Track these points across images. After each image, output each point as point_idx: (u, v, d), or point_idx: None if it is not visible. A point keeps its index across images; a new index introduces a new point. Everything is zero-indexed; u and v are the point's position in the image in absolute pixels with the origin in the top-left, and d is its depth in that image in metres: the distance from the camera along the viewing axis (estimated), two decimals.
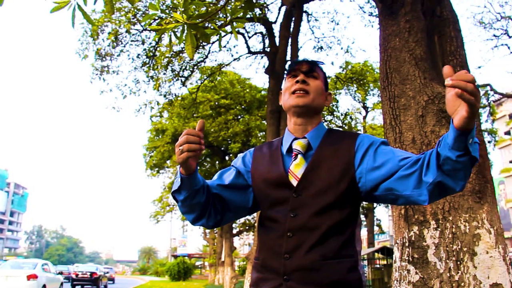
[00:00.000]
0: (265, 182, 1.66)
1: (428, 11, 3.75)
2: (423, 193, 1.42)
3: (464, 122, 1.18)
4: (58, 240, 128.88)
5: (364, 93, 22.36)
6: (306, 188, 1.57)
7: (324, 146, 1.65)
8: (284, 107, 1.73)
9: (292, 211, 1.56)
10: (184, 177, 1.53)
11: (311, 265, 1.49)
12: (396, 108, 3.41)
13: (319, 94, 1.70)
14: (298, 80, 1.67)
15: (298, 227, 1.54)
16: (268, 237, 1.62)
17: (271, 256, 1.58)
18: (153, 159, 22.67)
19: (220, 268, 26.21)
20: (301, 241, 1.52)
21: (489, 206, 3.03)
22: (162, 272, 49.13)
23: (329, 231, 1.52)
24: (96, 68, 12.90)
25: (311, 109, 1.68)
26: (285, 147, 1.70)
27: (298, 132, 1.70)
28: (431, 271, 2.92)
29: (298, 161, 1.63)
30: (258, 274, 1.62)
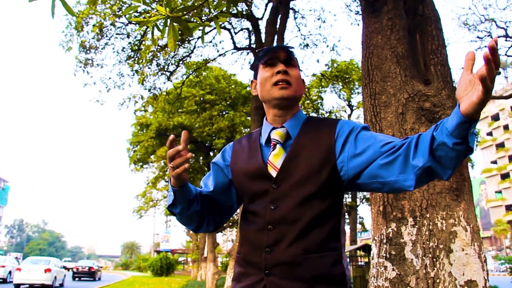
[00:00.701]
0: (244, 175, 1.62)
1: (411, 9, 3.77)
2: (409, 178, 1.36)
3: (473, 109, 1.14)
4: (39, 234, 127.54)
5: (349, 91, 22.48)
6: (285, 179, 1.52)
7: (303, 134, 1.60)
8: (262, 98, 1.66)
9: (272, 203, 1.51)
10: (176, 190, 1.52)
11: (293, 259, 1.44)
12: (377, 105, 3.42)
13: (300, 84, 1.66)
14: (279, 71, 1.60)
15: (279, 219, 1.49)
16: (249, 231, 1.57)
17: (252, 250, 1.53)
18: (137, 154, 22.54)
19: (202, 264, 26.18)
20: (282, 234, 1.47)
21: (466, 204, 3.06)
22: (144, 268, 48.95)
23: (311, 223, 1.47)
24: (80, 61, 12.73)
25: (295, 100, 1.63)
26: (264, 138, 1.65)
27: (277, 122, 1.65)
28: (407, 268, 2.94)
29: (276, 151, 1.59)
30: (240, 268, 1.58)
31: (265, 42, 12.62)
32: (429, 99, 3.28)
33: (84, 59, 12.74)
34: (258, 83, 1.68)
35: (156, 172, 26.23)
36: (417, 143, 1.33)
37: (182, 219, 1.65)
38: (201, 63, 15.55)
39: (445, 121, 1.25)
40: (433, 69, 3.51)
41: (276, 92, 1.60)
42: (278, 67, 1.61)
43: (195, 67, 15.79)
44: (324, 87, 21.00)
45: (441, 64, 3.52)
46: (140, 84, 13.44)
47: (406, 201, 3.08)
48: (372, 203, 3.33)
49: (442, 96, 3.31)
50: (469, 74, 1.17)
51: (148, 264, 39.66)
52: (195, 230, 1.69)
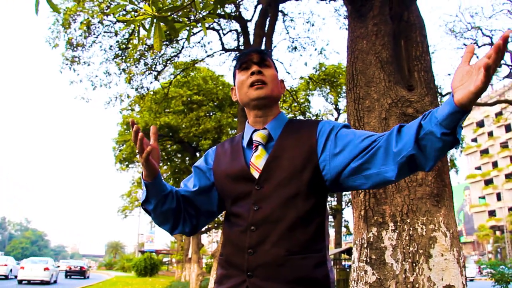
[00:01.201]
0: (227, 178, 1.61)
1: (396, 15, 3.79)
2: (391, 168, 1.35)
3: (468, 98, 1.13)
4: (22, 232, 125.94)
5: (336, 95, 22.60)
6: (268, 180, 1.52)
7: (285, 135, 1.60)
8: (242, 101, 1.67)
9: (255, 204, 1.50)
10: (148, 183, 1.51)
11: (276, 260, 1.43)
12: (360, 110, 3.44)
13: (276, 83, 1.66)
14: (254, 72, 1.61)
15: (261, 220, 1.48)
16: (231, 233, 1.56)
17: (235, 251, 1.52)
18: (123, 153, 22.36)
19: (187, 264, 26.07)
20: (265, 235, 1.46)
21: (446, 209, 3.09)
22: (128, 268, 48.66)
23: (295, 223, 1.46)
24: (67, 58, 12.63)
25: (272, 99, 1.63)
26: (246, 140, 1.65)
27: (259, 124, 1.65)
28: (387, 272, 2.96)
29: (258, 152, 1.58)
30: (222, 270, 1.57)
31: (254, 43, 12.63)
32: (412, 105, 3.31)
33: (71, 56, 12.64)
34: (236, 88, 1.69)
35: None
36: (399, 131, 1.33)
37: (157, 218, 1.62)
38: (189, 63, 15.51)
39: (434, 111, 1.25)
40: (416, 75, 3.53)
41: (252, 93, 1.60)
42: (252, 69, 1.62)
43: (183, 67, 15.75)
44: (312, 90, 21.10)
45: (424, 71, 3.55)
46: (127, 83, 13.37)
47: (387, 206, 3.10)
48: (354, 207, 3.35)
49: (425, 102, 3.34)
50: (466, 66, 1.17)
51: (132, 264, 39.41)
52: (170, 230, 1.67)
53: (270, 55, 1.70)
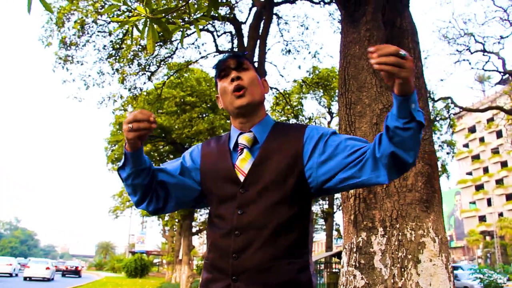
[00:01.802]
0: (213, 178, 1.61)
1: (389, 21, 3.82)
2: (382, 173, 1.40)
3: (401, 87, 1.24)
4: (11, 232, 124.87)
5: (329, 98, 22.66)
6: (253, 184, 1.52)
7: (271, 139, 1.60)
8: (226, 109, 1.67)
9: (239, 208, 1.50)
10: (128, 153, 1.51)
11: (260, 265, 1.43)
12: (352, 115, 3.45)
13: (256, 85, 1.65)
14: (233, 78, 1.61)
15: (246, 224, 1.48)
16: (216, 236, 1.55)
17: (219, 256, 1.51)
18: (115, 153, 22.25)
19: (177, 266, 26.02)
20: (250, 241, 1.46)
21: (435, 215, 3.11)
22: (118, 268, 48.42)
23: (279, 229, 1.47)
24: (60, 57, 12.55)
25: (254, 104, 1.63)
26: (232, 143, 1.65)
27: (244, 128, 1.65)
28: (376, 277, 2.97)
29: (243, 155, 1.58)
30: (208, 274, 1.56)
31: (248, 46, 12.63)
32: None
33: (64, 55, 12.56)
34: (220, 96, 1.70)
35: None
36: (379, 139, 1.39)
37: (128, 188, 1.62)
38: (183, 64, 15.47)
39: (392, 110, 1.34)
40: None
41: (235, 102, 1.61)
42: (231, 76, 1.62)
43: (176, 68, 15.70)
44: (305, 93, 21.15)
45: (416, 77, 3.57)
46: (120, 83, 13.31)
47: (377, 211, 3.11)
48: (344, 212, 3.36)
49: None
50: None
51: (122, 265, 39.29)
52: (136, 203, 1.67)
53: (247, 58, 1.71)
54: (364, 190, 3.19)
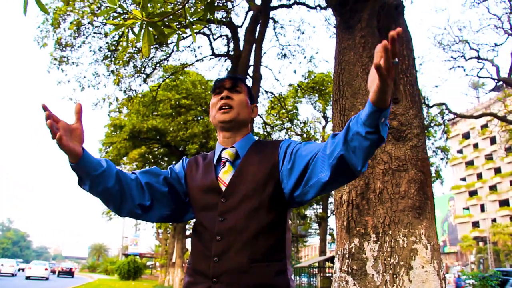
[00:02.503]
0: (198, 190, 1.71)
1: (384, 28, 3.83)
2: (326, 173, 1.42)
3: (377, 97, 1.20)
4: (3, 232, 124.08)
5: (324, 103, 22.69)
6: (232, 193, 1.62)
7: (251, 154, 1.71)
8: (212, 123, 1.81)
9: (220, 216, 1.60)
10: (73, 165, 1.51)
11: (239, 267, 1.51)
12: (346, 121, 3.46)
13: (244, 107, 1.77)
14: (222, 97, 1.74)
15: (227, 230, 1.57)
16: (198, 242, 1.65)
17: (200, 259, 1.61)
18: (109, 155, 22.17)
19: (170, 269, 25.93)
20: (230, 244, 1.55)
21: (428, 222, 3.12)
22: (111, 271, 48.22)
23: (257, 233, 1.55)
24: (55, 58, 12.52)
25: (237, 122, 1.75)
26: (216, 157, 1.76)
27: (227, 143, 1.77)
28: (368, 283, 2.98)
29: (226, 168, 1.70)
30: (189, 278, 1.64)
31: (243, 49, 12.65)
32: (396, 117, 3.34)
33: (59, 56, 12.53)
34: (210, 111, 1.83)
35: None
36: (333, 137, 1.42)
37: (100, 198, 1.64)
38: (179, 67, 15.48)
39: (361, 112, 1.32)
40: (402, 88, 3.57)
41: (219, 116, 1.74)
42: (222, 94, 1.76)
43: (172, 71, 15.71)
44: (300, 97, 21.18)
45: (410, 84, 3.59)
46: (116, 85, 13.29)
47: (370, 217, 3.12)
48: (337, 217, 3.37)
49: (409, 115, 3.38)
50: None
51: (115, 267, 39.09)
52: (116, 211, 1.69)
53: (244, 81, 1.84)
54: (357, 196, 3.20)
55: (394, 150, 3.25)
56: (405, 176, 3.18)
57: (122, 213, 1.69)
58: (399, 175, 3.18)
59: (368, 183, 3.21)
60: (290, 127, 21.55)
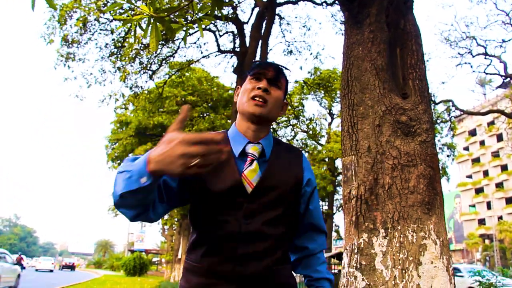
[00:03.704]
0: (214, 185, 1.55)
1: (392, 23, 3.81)
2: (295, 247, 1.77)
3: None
4: (10, 228, 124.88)
5: (330, 99, 22.65)
6: (260, 197, 1.54)
7: (277, 155, 1.65)
8: (238, 108, 1.66)
9: (246, 218, 1.52)
10: (154, 179, 1.23)
11: (264, 271, 1.51)
12: (354, 116, 3.45)
13: (277, 106, 1.65)
14: (260, 87, 1.59)
15: (251, 234, 1.51)
16: (216, 241, 1.53)
17: (221, 261, 1.51)
18: (115, 151, 22.27)
19: (176, 265, 26.01)
20: (254, 248, 1.51)
21: (437, 217, 3.10)
22: (117, 267, 48.39)
23: (277, 240, 1.56)
24: (62, 55, 12.55)
25: (267, 119, 1.63)
26: (237, 150, 1.61)
27: (250, 137, 1.63)
28: (377, 279, 2.97)
29: (253, 167, 1.57)
30: (201, 279, 1.52)
31: (250, 46, 12.63)
32: (405, 112, 3.33)
33: (65, 53, 12.56)
34: (240, 92, 1.68)
35: None
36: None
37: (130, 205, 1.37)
38: (184, 63, 15.48)
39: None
40: (411, 83, 3.55)
41: (250, 107, 1.59)
42: (261, 83, 1.61)
43: (178, 67, 15.71)
44: (306, 94, 21.14)
45: (419, 79, 3.57)
46: (122, 81, 13.31)
47: (379, 212, 3.11)
48: (345, 213, 3.36)
49: (418, 111, 3.36)
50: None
51: (121, 263, 39.22)
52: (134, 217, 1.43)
53: (285, 75, 1.70)
54: (366, 191, 3.19)
55: (403, 145, 3.24)
56: (414, 171, 3.16)
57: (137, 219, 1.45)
58: (408, 170, 3.17)
59: (377, 178, 3.20)
60: (296, 123, 21.54)
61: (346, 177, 3.37)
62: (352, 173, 3.32)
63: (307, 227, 1.76)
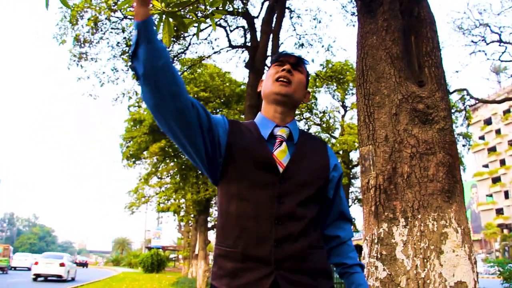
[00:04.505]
0: (248, 160, 1.56)
1: (406, 11, 3.77)
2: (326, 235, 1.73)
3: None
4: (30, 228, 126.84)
5: (343, 92, 22.51)
6: (291, 177, 1.56)
7: (304, 141, 1.68)
8: (264, 93, 1.70)
9: (278, 198, 1.52)
10: (140, 22, 1.31)
11: (301, 253, 1.50)
12: (371, 106, 3.42)
13: (301, 88, 1.70)
14: (284, 69, 1.65)
15: (286, 215, 1.51)
16: (249, 223, 1.50)
17: (256, 244, 1.48)
18: (130, 150, 22.38)
19: (193, 261, 26.16)
20: (290, 230, 1.50)
21: (458, 205, 3.07)
22: (135, 264, 48.85)
23: (310, 222, 1.56)
24: (74, 55, 12.65)
25: (292, 100, 1.66)
26: (266, 133, 1.63)
27: (278, 120, 1.67)
28: (398, 268, 2.95)
29: (283, 148, 1.61)
30: (236, 263, 1.49)
31: (260, 40, 12.60)
32: (422, 100, 3.29)
33: (78, 53, 12.66)
34: (264, 79, 1.75)
35: (149, 168, 26.12)
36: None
37: (153, 81, 1.36)
38: (196, 60, 15.50)
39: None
40: (427, 71, 3.51)
41: (276, 87, 1.64)
42: (284, 66, 1.67)
43: (189, 64, 15.74)
44: (319, 87, 21.03)
45: (435, 66, 3.53)
46: (135, 79, 13.38)
47: (398, 201, 3.09)
48: (364, 203, 3.34)
49: (435, 98, 3.32)
50: None
51: (139, 260, 39.60)
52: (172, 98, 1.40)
53: (306, 65, 1.75)
54: (385, 181, 3.17)
55: (421, 134, 3.21)
56: (433, 159, 3.13)
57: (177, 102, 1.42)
58: (427, 159, 3.14)
59: (395, 167, 3.17)
60: (309, 116, 21.47)
61: (364, 167, 3.35)
62: (370, 163, 3.30)
63: (336, 215, 1.75)
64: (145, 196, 29.59)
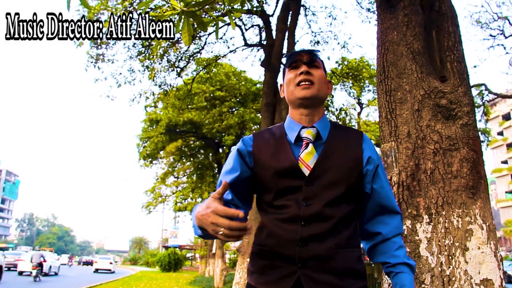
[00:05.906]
0: (272, 171, 1.62)
1: (427, 5, 3.72)
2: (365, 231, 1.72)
3: None
4: (49, 228, 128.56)
5: (359, 89, 22.38)
6: (318, 178, 1.58)
7: (333, 138, 1.67)
8: (288, 99, 1.71)
9: (305, 200, 1.56)
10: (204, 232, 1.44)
11: (326, 253, 1.51)
12: (392, 102, 3.39)
13: (323, 83, 1.70)
14: (302, 72, 1.65)
15: (312, 216, 1.54)
16: (277, 224, 1.58)
17: (282, 243, 1.55)
18: (147, 150, 22.54)
19: (210, 260, 26.22)
20: (316, 230, 1.53)
21: (482, 202, 3.03)
22: (152, 263, 49.27)
23: (340, 222, 1.56)
24: (91, 56, 12.78)
25: (318, 99, 1.68)
26: (292, 136, 1.67)
27: (305, 122, 1.68)
28: (422, 266, 2.92)
29: (309, 149, 1.62)
30: (265, 261, 1.59)
31: (276, 38, 12.57)
32: (445, 96, 3.25)
33: (95, 54, 12.79)
34: (284, 86, 1.74)
35: (165, 168, 26.28)
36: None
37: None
38: (212, 59, 15.55)
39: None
40: (449, 66, 3.47)
41: (298, 92, 1.65)
42: (301, 69, 1.67)
43: (205, 64, 15.80)
44: (335, 84, 20.91)
45: (457, 61, 3.48)
46: (151, 80, 13.48)
47: (422, 198, 3.05)
48: None
49: (458, 93, 3.27)
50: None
51: (156, 259, 39.90)
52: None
53: (319, 56, 1.75)
54: (408, 178, 3.13)
55: (444, 129, 3.16)
56: (456, 155, 3.09)
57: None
58: (450, 155, 3.10)
59: (419, 164, 3.14)
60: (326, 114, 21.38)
61: (386, 164, 3.32)
62: (393, 160, 3.27)
63: (376, 209, 1.70)
64: (161, 195, 29.79)
